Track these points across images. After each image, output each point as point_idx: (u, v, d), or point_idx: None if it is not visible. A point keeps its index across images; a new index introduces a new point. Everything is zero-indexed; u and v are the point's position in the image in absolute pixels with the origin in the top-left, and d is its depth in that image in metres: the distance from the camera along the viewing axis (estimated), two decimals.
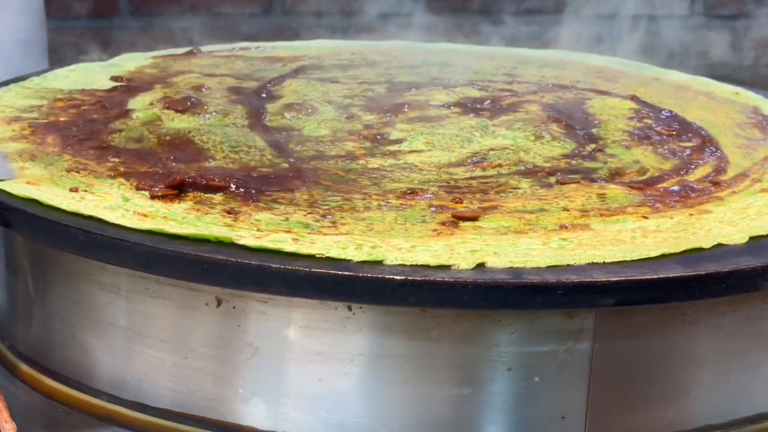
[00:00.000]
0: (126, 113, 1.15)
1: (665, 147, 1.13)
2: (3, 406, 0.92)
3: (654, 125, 1.19)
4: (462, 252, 0.87)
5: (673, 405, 0.91)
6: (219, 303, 0.89)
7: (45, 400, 0.98)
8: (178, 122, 1.13)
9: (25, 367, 1.00)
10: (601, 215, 0.96)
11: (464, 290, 0.83)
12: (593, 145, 1.12)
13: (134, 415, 0.94)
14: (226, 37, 1.90)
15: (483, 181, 1.02)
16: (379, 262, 0.85)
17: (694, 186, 1.03)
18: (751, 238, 0.92)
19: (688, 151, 1.13)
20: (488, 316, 0.87)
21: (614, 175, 1.05)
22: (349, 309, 0.87)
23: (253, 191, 0.96)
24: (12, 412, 0.93)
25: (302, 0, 2.25)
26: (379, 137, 1.12)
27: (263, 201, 0.95)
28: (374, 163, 1.06)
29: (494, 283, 0.84)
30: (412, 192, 0.98)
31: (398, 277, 0.83)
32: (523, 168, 1.06)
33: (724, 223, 0.95)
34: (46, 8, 1.66)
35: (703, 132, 1.19)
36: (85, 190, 0.95)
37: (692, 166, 1.08)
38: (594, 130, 1.17)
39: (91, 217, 0.91)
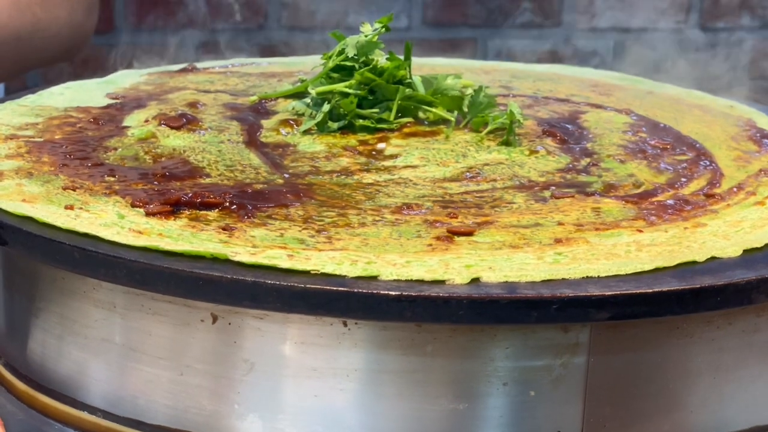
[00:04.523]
0: (121, 131, 1.16)
1: (660, 160, 1.13)
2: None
3: (649, 139, 1.20)
4: (457, 267, 0.87)
5: (669, 418, 0.91)
6: (214, 319, 0.89)
7: (41, 418, 0.98)
8: (173, 139, 1.13)
9: (21, 385, 1.00)
10: (596, 229, 0.96)
11: (459, 305, 0.84)
12: (588, 159, 1.12)
13: None
14: (222, 54, 1.90)
15: (478, 195, 1.02)
16: (374, 278, 0.86)
17: (689, 199, 1.03)
18: (745, 251, 0.93)
19: (682, 165, 1.13)
20: (483, 331, 0.87)
21: (609, 189, 1.05)
22: (345, 325, 0.87)
23: (249, 207, 0.96)
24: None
25: (297, 16, 2.25)
26: (374, 152, 1.12)
27: (258, 217, 0.95)
28: (369, 178, 1.06)
29: (489, 298, 0.84)
30: (407, 207, 0.99)
31: (393, 293, 0.84)
32: (517, 182, 1.06)
33: (718, 237, 0.95)
34: None
35: (697, 145, 1.19)
36: (81, 208, 0.95)
37: (687, 180, 1.09)
38: (589, 144, 1.17)
39: (86, 235, 0.91)
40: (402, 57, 1.23)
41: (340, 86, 1.20)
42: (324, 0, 2.27)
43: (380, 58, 1.22)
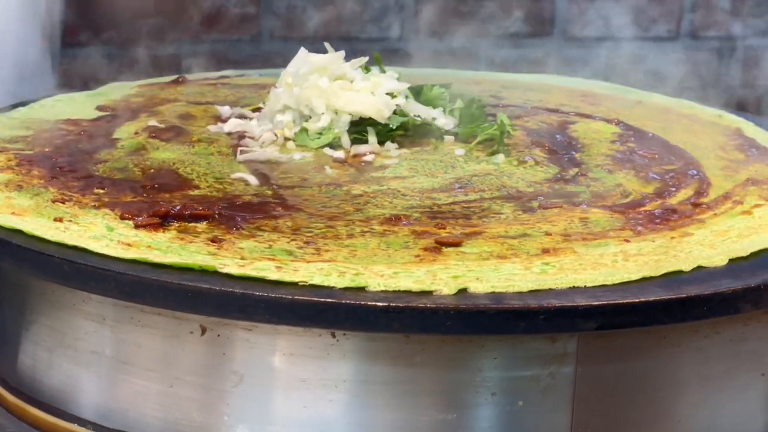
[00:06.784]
0: (111, 143, 1.16)
1: (648, 170, 1.14)
2: None
3: (637, 148, 1.20)
4: (444, 278, 0.87)
5: (657, 428, 0.91)
6: (203, 331, 0.90)
7: (32, 431, 0.98)
8: (162, 151, 1.13)
9: (11, 398, 1.00)
10: (584, 239, 0.96)
11: (447, 316, 0.84)
12: (576, 169, 1.13)
13: None
14: (214, 65, 1.90)
15: (466, 206, 1.03)
16: (362, 289, 0.86)
17: (676, 209, 1.04)
18: (732, 261, 0.93)
19: (670, 174, 1.13)
20: (471, 342, 0.87)
21: (597, 199, 1.05)
22: (333, 336, 0.87)
23: (237, 219, 0.97)
24: None
25: (290, 27, 2.26)
26: (363, 164, 1.13)
27: (247, 229, 0.95)
28: (358, 189, 1.06)
29: (476, 308, 0.84)
30: (396, 218, 0.99)
31: (381, 304, 0.84)
32: (506, 193, 1.06)
33: (704, 246, 0.95)
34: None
35: (686, 154, 1.19)
36: (70, 221, 0.96)
37: (674, 189, 1.09)
38: (577, 155, 1.17)
39: (75, 247, 0.91)
40: (398, 68, 1.24)
41: None
42: (317, 10, 2.27)
43: None
